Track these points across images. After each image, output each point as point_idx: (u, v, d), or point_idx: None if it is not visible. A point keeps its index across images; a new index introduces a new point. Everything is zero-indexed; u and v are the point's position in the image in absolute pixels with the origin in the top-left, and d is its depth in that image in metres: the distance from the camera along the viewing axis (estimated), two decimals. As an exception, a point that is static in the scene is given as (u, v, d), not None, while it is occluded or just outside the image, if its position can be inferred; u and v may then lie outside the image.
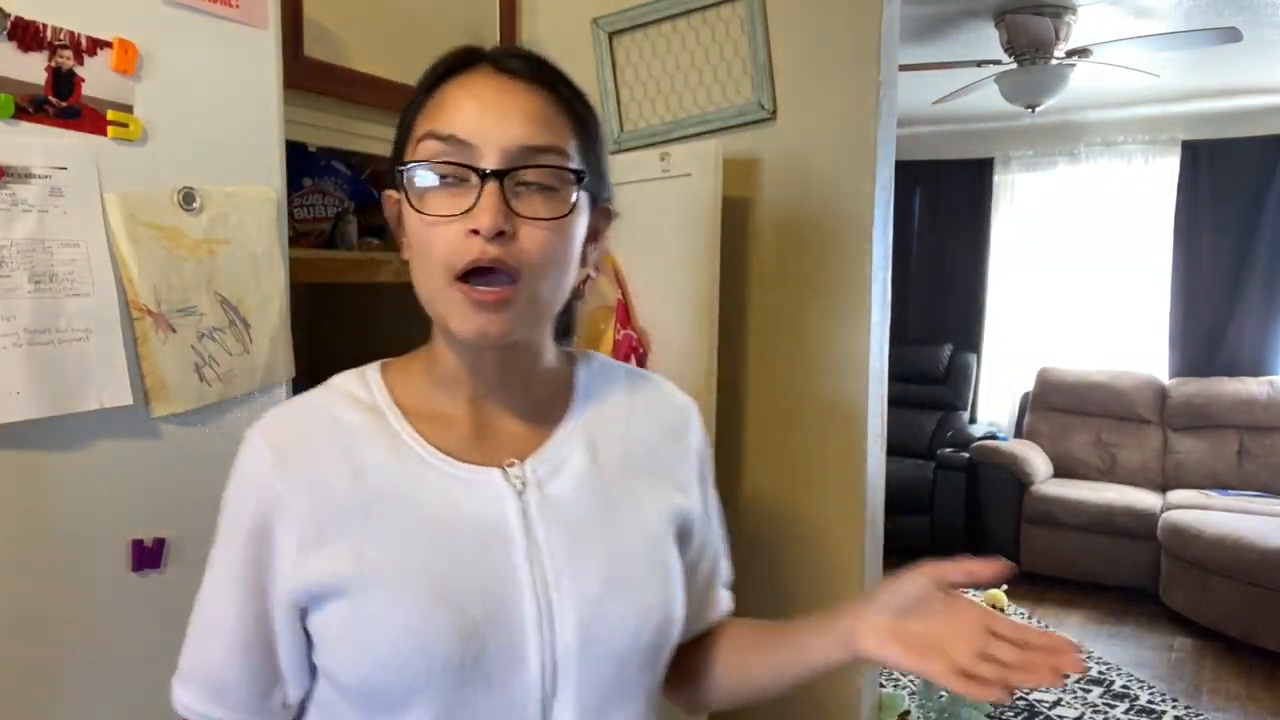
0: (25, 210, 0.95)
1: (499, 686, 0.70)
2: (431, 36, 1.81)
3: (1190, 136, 4.91)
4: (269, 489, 0.73)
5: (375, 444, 0.74)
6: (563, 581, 0.73)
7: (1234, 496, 4.37)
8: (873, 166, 1.74)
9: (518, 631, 0.70)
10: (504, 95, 0.71)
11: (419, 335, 0.82)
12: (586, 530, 0.76)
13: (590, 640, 0.72)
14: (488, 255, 0.67)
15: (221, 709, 0.76)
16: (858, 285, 1.75)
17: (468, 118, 0.70)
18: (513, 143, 0.69)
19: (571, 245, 0.73)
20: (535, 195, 0.70)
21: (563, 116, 0.73)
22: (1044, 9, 3.35)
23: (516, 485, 0.75)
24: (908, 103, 3.97)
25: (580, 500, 0.77)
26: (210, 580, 0.76)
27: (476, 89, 0.71)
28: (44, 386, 0.96)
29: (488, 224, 0.67)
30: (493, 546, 0.72)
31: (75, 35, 0.99)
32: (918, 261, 5.63)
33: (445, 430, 0.76)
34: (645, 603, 0.76)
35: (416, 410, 0.77)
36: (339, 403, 0.77)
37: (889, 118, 1.77)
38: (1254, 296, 4.79)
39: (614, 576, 0.75)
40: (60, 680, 1.02)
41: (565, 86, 0.74)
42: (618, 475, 0.80)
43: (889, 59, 1.75)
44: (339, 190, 1.76)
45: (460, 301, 0.69)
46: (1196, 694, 3.41)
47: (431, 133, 0.70)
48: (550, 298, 0.73)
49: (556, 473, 0.77)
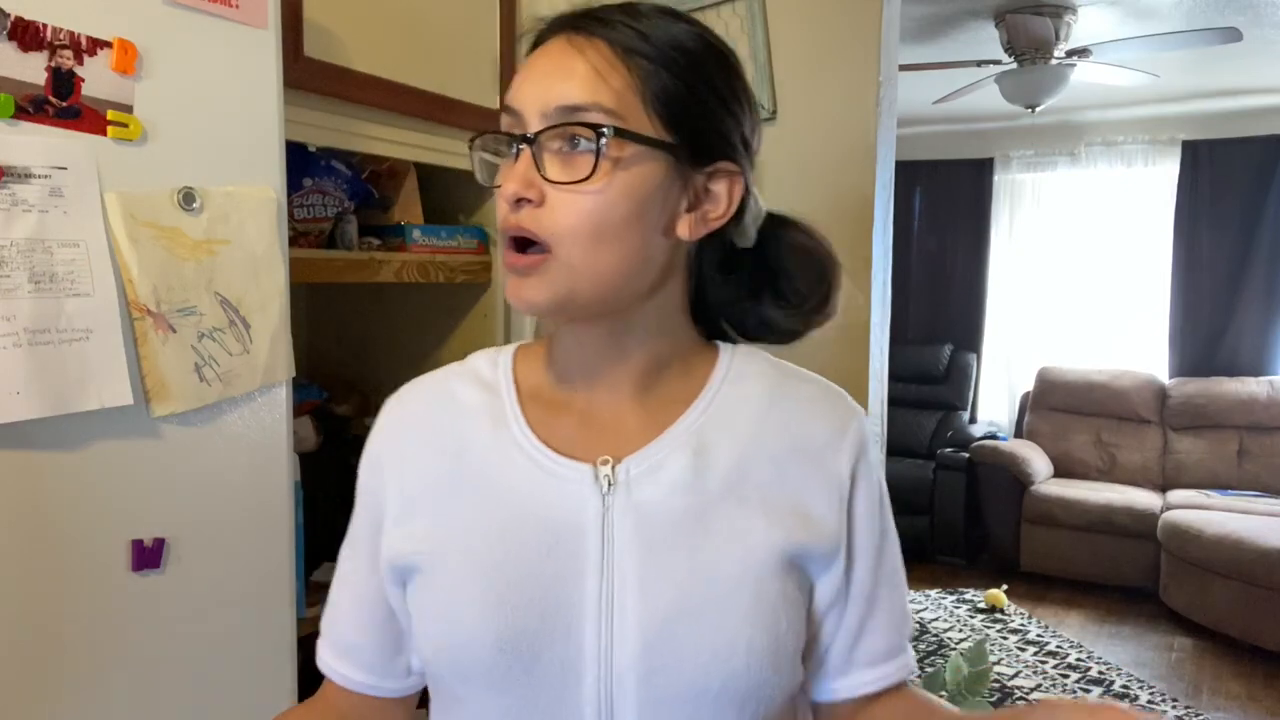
0: (25, 210, 0.95)
1: (553, 700, 0.66)
2: (431, 36, 1.81)
3: (1190, 136, 4.91)
4: (378, 458, 0.76)
5: (481, 425, 0.73)
6: (629, 596, 0.66)
7: (1234, 496, 4.37)
8: (873, 166, 1.74)
9: (576, 641, 0.65)
10: (560, 56, 0.66)
11: (419, 335, 0.82)
12: (670, 543, 0.67)
13: (653, 669, 0.65)
14: (509, 223, 0.66)
15: (351, 667, 0.77)
16: (858, 285, 1.75)
17: (521, 81, 0.68)
18: (548, 104, 0.65)
19: (619, 214, 0.65)
20: (567, 158, 0.65)
21: (627, 73, 0.65)
22: (1044, 9, 3.35)
23: (603, 485, 0.69)
24: (908, 103, 3.97)
25: (670, 510, 0.68)
26: (345, 541, 0.79)
27: (541, 55, 0.68)
28: (44, 386, 0.96)
29: (508, 191, 0.65)
30: (565, 548, 0.67)
31: (75, 35, 0.99)
32: (918, 261, 5.63)
33: (553, 417, 0.73)
34: (723, 638, 0.65)
35: (533, 394, 0.75)
36: (463, 379, 0.77)
37: (889, 118, 1.77)
38: (1254, 296, 4.79)
39: (690, 600, 0.66)
40: (60, 680, 1.02)
41: (636, 35, 0.66)
42: (723, 488, 0.69)
43: (889, 59, 1.75)
44: (339, 190, 1.76)
45: (508, 270, 0.68)
46: (1196, 694, 3.41)
47: (503, 106, 0.69)
48: (595, 271, 0.66)
49: (652, 476, 0.69)
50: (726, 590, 0.66)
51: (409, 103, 1.73)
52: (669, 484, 0.69)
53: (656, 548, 0.67)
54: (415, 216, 1.94)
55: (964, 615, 4.13)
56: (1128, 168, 5.14)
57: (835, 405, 0.77)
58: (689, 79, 0.67)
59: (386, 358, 2.12)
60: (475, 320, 2.01)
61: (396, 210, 1.95)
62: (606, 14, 0.68)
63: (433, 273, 1.84)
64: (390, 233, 1.85)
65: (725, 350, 0.78)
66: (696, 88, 0.67)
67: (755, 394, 0.74)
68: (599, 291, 0.67)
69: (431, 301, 2.04)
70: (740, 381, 0.75)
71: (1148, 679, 3.51)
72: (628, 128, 0.64)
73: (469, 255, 1.93)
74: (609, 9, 0.69)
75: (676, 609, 0.66)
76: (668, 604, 0.66)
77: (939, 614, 4.12)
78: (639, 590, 0.66)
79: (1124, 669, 3.59)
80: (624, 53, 0.66)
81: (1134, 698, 3.35)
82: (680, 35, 0.68)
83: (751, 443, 0.72)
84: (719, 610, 0.66)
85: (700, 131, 0.68)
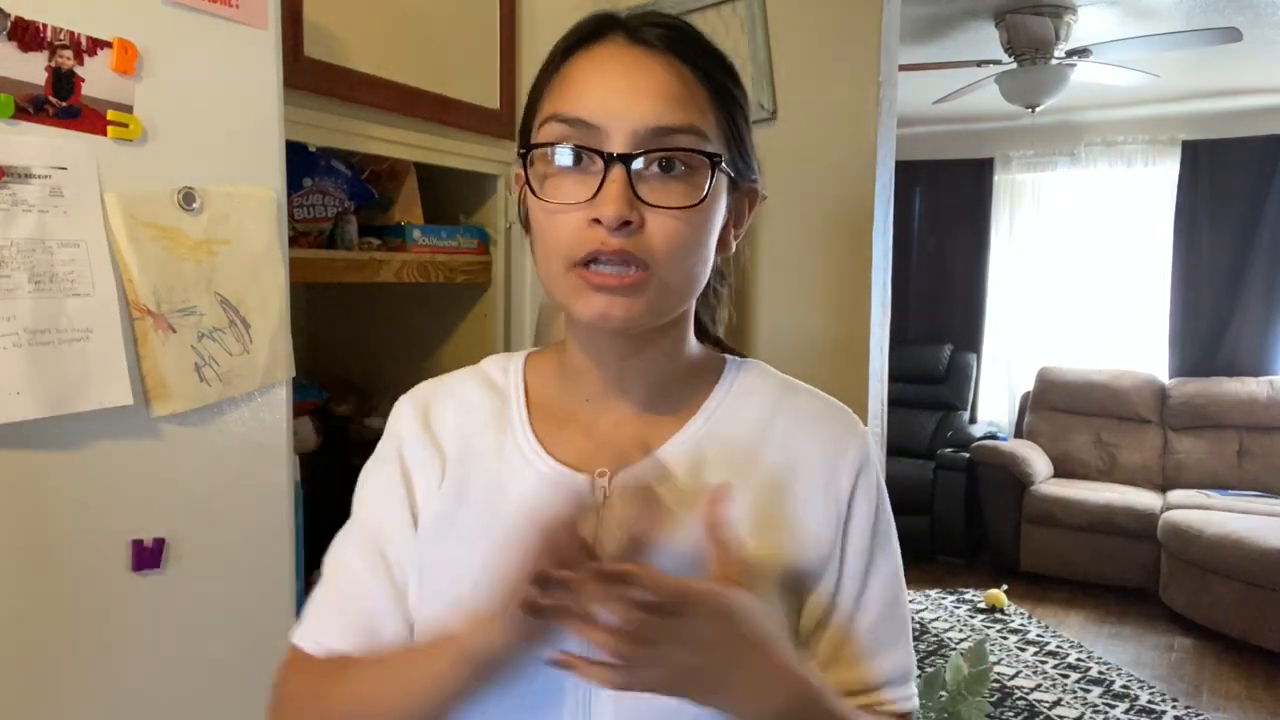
0: (25, 210, 0.95)
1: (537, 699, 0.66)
2: (431, 36, 1.81)
3: (1190, 136, 4.91)
4: (410, 435, 0.75)
5: (487, 430, 0.73)
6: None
7: (1234, 496, 4.37)
8: (873, 166, 1.74)
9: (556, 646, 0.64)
10: (635, 70, 0.64)
11: (419, 335, 0.82)
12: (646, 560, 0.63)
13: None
14: (610, 247, 0.62)
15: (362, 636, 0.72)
16: (858, 285, 1.75)
17: (594, 97, 0.64)
18: (642, 124, 0.63)
19: (708, 234, 0.67)
20: (666, 181, 0.64)
21: (701, 91, 0.66)
22: (1044, 9, 3.35)
23: (599, 497, 0.68)
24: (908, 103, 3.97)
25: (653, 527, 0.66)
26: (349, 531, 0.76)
27: (605, 64, 0.65)
28: (44, 386, 0.96)
29: (611, 215, 0.61)
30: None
31: (75, 35, 0.99)
32: (918, 261, 5.63)
33: (558, 427, 0.73)
34: None
35: (542, 403, 0.75)
36: (473, 381, 0.77)
37: (889, 118, 1.77)
38: (1254, 296, 4.79)
39: None
40: (60, 680, 1.02)
41: (706, 56, 0.68)
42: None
43: (889, 59, 1.75)
44: (339, 190, 1.76)
45: (580, 286, 0.64)
46: (1196, 694, 3.41)
47: (556, 115, 0.65)
48: (682, 289, 0.67)
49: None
50: None
51: (409, 103, 1.73)
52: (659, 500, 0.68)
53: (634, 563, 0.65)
54: (415, 216, 1.94)
55: (964, 615, 4.13)
56: (1128, 168, 5.14)
57: (836, 423, 0.75)
58: (741, 100, 0.70)
59: (386, 358, 2.12)
60: (475, 320, 2.01)
61: (396, 210, 1.95)
62: (666, 23, 0.68)
63: (433, 273, 1.84)
64: (390, 233, 1.85)
65: (731, 364, 0.78)
66: (745, 109, 0.71)
67: (756, 409, 0.74)
68: (679, 307, 0.70)
69: (431, 301, 2.04)
70: (743, 397, 0.75)
71: (1148, 679, 3.51)
72: (719, 151, 0.66)
73: (469, 255, 1.93)
74: (664, 18, 0.69)
75: None
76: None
77: (939, 614, 4.12)
78: None
79: (1124, 669, 3.59)
80: (701, 73, 0.67)
81: (1134, 698, 3.35)
82: (723, 56, 0.70)
83: (746, 461, 0.71)
84: None
85: (745, 153, 0.71)
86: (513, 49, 1.97)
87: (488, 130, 1.92)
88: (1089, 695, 3.37)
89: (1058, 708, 3.28)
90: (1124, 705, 3.30)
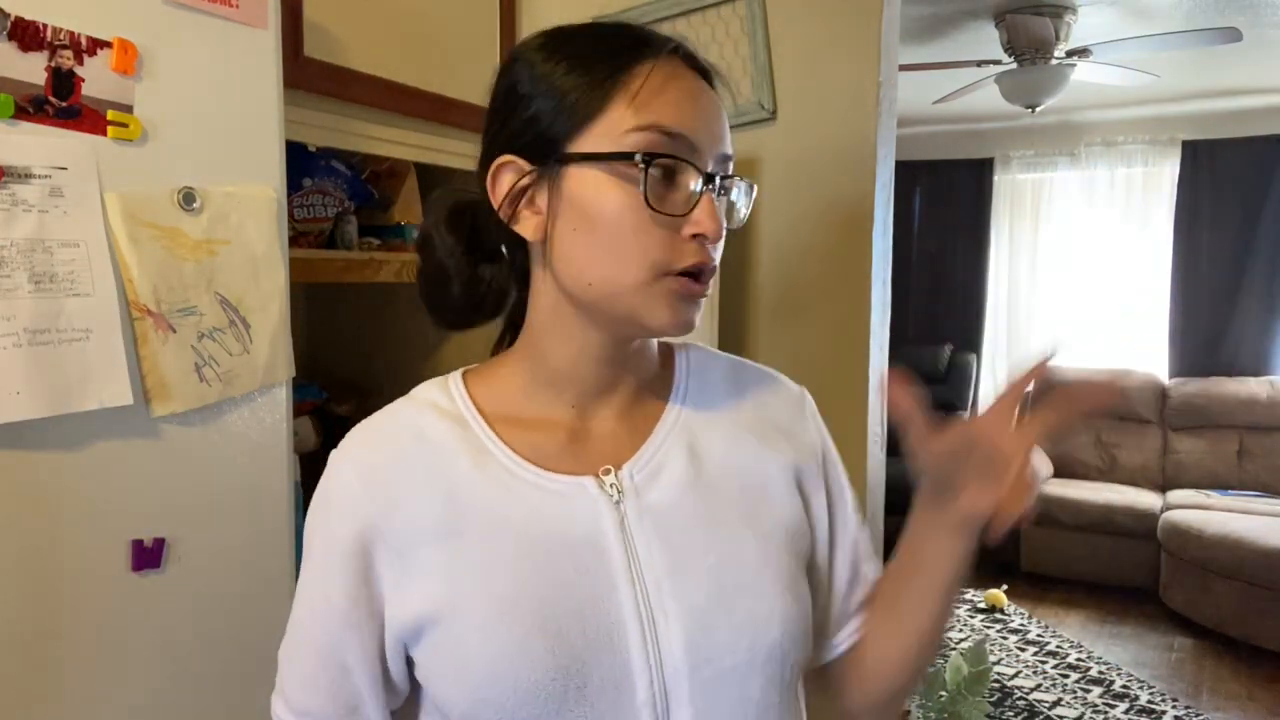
0: (25, 210, 0.95)
1: (607, 714, 0.65)
2: (431, 36, 1.81)
3: (1190, 136, 4.91)
4: (361, 513, 0.68)
5: (461, 457, 0.70)
6: (666, 597, 0.67)
7: (1234, 496, 4.37)
8: (873, 166, 1.74)
9: (622, 655, 0.65)
10: (712, 98, 0.70)
11: (419, 335, 0.81)
12: (690, 539, 0.69)
13: (700, 659, 0.66)
14: (714, 261, 0.68)
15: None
16: (858, 285, 1.75)
17: (690, 115, 0.67)
18: (722, 149, 0.69)
19: None
20: (725, 202, 0.70)
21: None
22: (1044, 9, 3.35)
23: (612, 495, 0.70)
24: (908, 103, 3.97)
25: (682, 507, 0.71)
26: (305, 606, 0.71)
27: (687, 84, 0.68)
28: (44, 386, 0.96)
29: (717, 230, 0.66)
30: (590, 564, 0.67)
31: (75, 35, 0.99)
32: (918, 261, 5.63)
33: (536, 437, 0.72)
34: (759, 614, 0.69)
35: (503, 417, 0.72)
36: (422, 414, 0.72)
37: (889, 118, 1.77)
38: (1254, 296, 4.79)
39: (722, 587, 0.68)
40: (60, 680, 1.02)
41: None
42: (722, 476, 0.73)
43: (889, 59, 1.74)
44: (339, 190, 1.76)
45: (670, 294, 0.66)
46: (1196, 694, 3.41)
47: (657, 125, 0.65)
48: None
49: (655, 478, 0.71)
50: (752, 570, 0.70)
51: (409, 103, 1.73)
52: (674, 483, 0.71)
53: (679, 545, 0.69)
54: (415, 216, 1.94)
55: (964, 615, 4.13)
56: (1128, 168, 5.14)
57: (784, 385, 0.83)
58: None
59: (386, 358, 2.12)
60: (475, 320, 2.00)
61: (396, 210, 1.95)
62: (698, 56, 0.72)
63: (433, 273, 1.83)
64: (390, 233, 1.85)
65: (676, 348, 0.82)
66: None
67: (719, 383, 0.80)
68: None
69: (431, 301, 2.04)
70: (702, 374, 0.80)
71: (1148, 679, 3.51)
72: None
73: (469, 255, 1.92)
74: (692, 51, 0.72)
75: (711, 598, 0.68)
76: (703, 597, 0.68)
77: (939, 614, 4.12)
78: (673, 589, 0.67)
79: (1124, 669, 3.59)
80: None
81: (1134, 698, 3.35)
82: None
83: (733, 428, 0.76)
84: (750, 591, 0.69)
85: None
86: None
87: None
88: (1089, 695, 3.37)
89: (1058, 708, 3.28)
90: (1124, 705, 3.30)
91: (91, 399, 1.00)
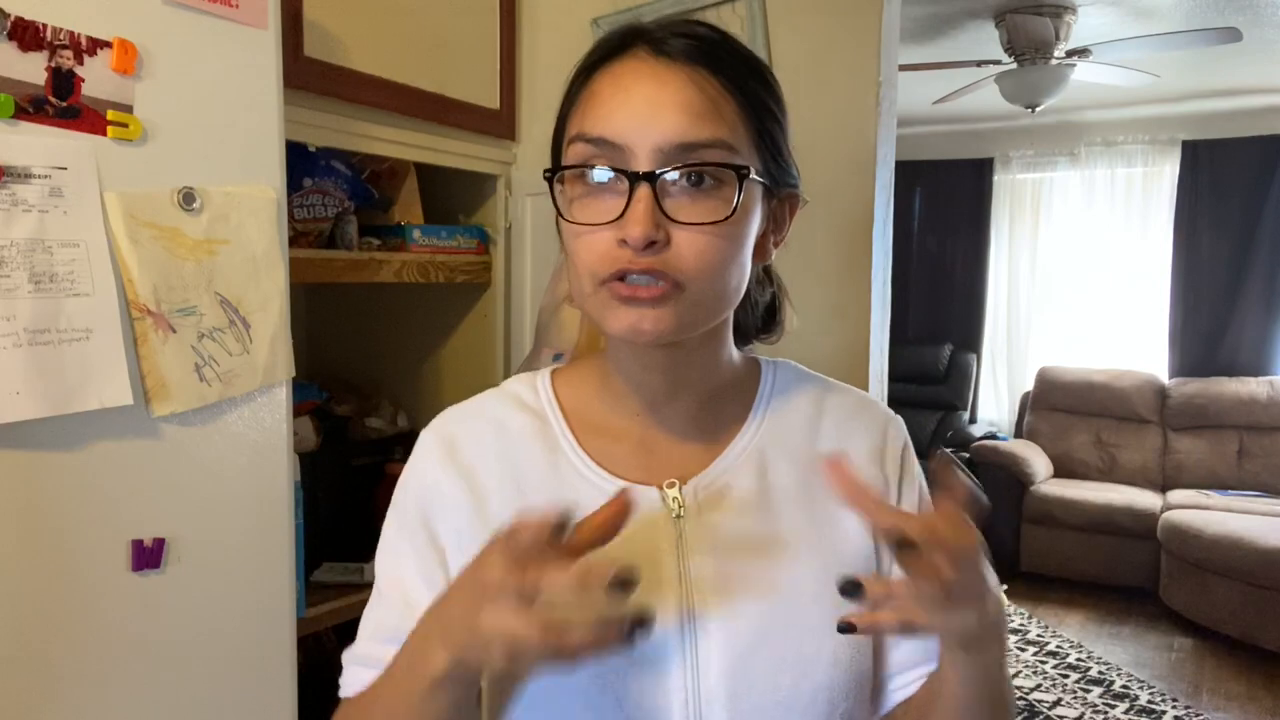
0: (25, 210, 0.95)
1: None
2: (431, 36, 1.81)
3: (1190, 136, 4.91)
4: (430, 479, 0.71)
5: (534, 451, 0.70)
6: (711, 621, 0.65)
7: (1234, 496, 4.37)
8: (873, 166, 1.74)
9: (661, 673, 0.65)
10: (658, 85, 0.63)
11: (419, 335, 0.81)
12: (746, 564, 0.68)
13: (740, 689, 0.65)
14: (637, 265, 0.61)
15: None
16: (858, 285, 1.75)
17: (616, 116, 0.63)
18: (666, 140, 0.61)
19: (741, 246, 0.65)
20: (695, 196, 0.62)
21: (729, 102, 0.64)
22: (1044, 9, 3.35)
23: (674, 509, 0.68)
24: (908, 103, 3.97)
25: (741, 529, 0.69)
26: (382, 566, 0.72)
27: (627, 80, 0.63)
28: (44, 386, 0.96)
29: (636, 235, 0.60)
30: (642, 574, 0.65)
31: (75, 35, 0.99)
32: (918, 261, 5.63)
33: (610, 443, 0.71)
34: (806, 652, 0.66)
35: (583, 420, 0.72)
36: (505, 405, 0.74)
37: (889, 118, 1.77)
38: (1254, 296, 4.79)
39: (771, 619, 0.66)
40: (60, 680, 1.02)
41: (735, 63, 0.65)
42: (790, 504, 0.70)
43: (889, 59, 1.74)
44: (339, 190, 1.76)
45: (609, 301, 0.63)
46: (1196, 694, 3.41)
47: (580, 135, 0.64)
48: (716, 302, 0.66)
49: (720, 497, 0.69)
50: (806, 606, 0.67)
51: (409, 103, 1.73)
52: (738, 504, 0.69)
53: (733, 569, 0.67)
54: (415, 216, 1.94)
55: (964, 615, 4.12)
56: (1128, 168, 5.14)
57: (874, 413, 0.78)
58: (774, 106, 0.68)
59: (386, 358, 2.12)
60: (475, 320, 2.01)
61: (396, 210, 1.95)
62: (693, 33, 0.65)
63: (433, 273, 1.84)
64: (390, 233, 1.85)
65: (765, 364, 0.78)
66: (778, 115, 0.69)
67: (803, 406, 0.76)
68: (714, 319, 0.68)
69: (431, 301, 2.04)
70: (786, 394, 0.76)
71: (1148, 679, 3.51)
72: (748, 163, 0.64)
73: (469, 255, 1.93)
74: (692, 27, 0.66)
75: (758, 629, 0.66)
76: (749, 625, 0.66)
77: (939, 614, 4.12)
78: (720, 613, 0.66)
79: (1124, 669, 3.59)
80: (729, 82, 0.64)
81: (1134, 698, 3.35)
82: (755, 60, 0.68)
83: (807, 455, 0.73)
84: (800, 627, 0.66)
85: (781, 159, 0.69)
86: (512, 49, 1.97)
87: (487, 130, 1.92)
88: (1089, 695, 3.37)
89: (1058, 708, 3.28)
90: (1124, 705, 3.30)
91: (91, 399, 1.00)
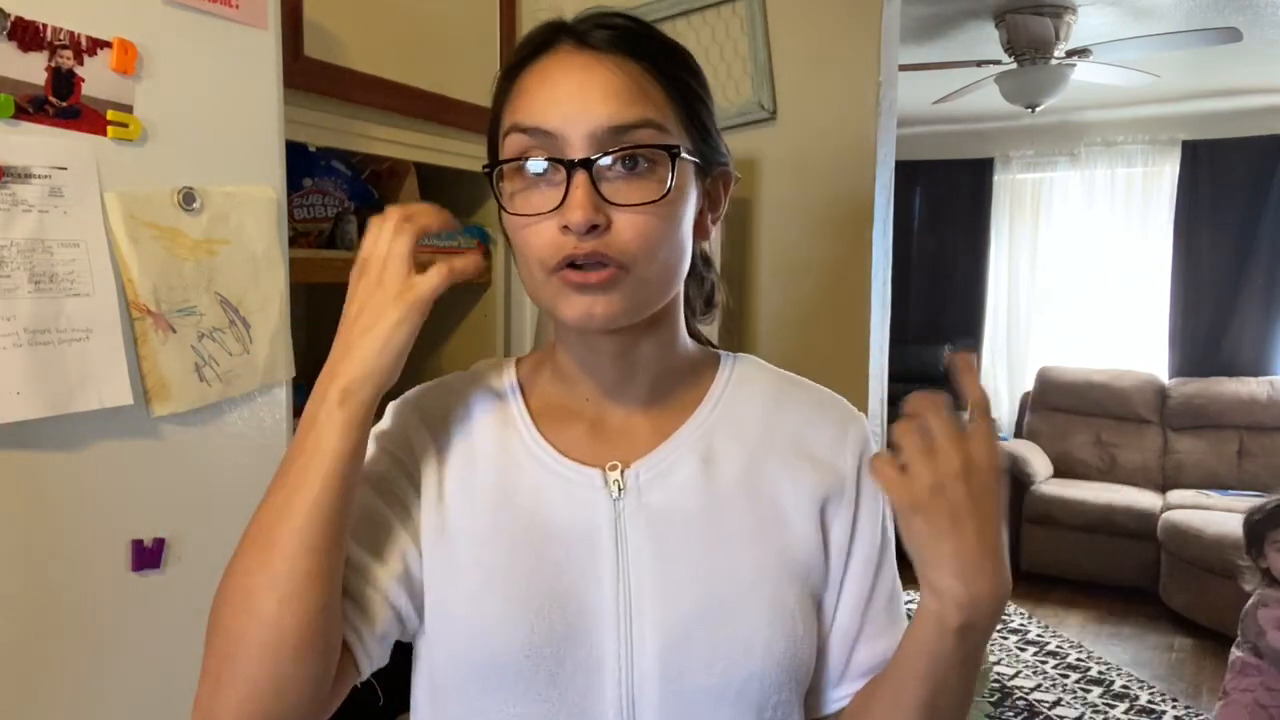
0: (25, 210, 0.95)
1: (575, 706, 0.65)
2: (431, 36, 1.81)
3: (1190, 136, 4.91)
4: (414, 432, 0.73)
5: (489, 429, 0.73)
6: (646, 600, 0.66)
7: (1234, 496, 4.37)
8: (873, 166, 1.74)
9: (596, 649, 0.66)
10: (585, 73, 0.65)
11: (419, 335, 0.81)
12: (684, 547, 0.68)
13: (672, 671, 0.65)
14: (582, 251, 0.63)
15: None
16: (858, 285, 1.75)
17: (547, 105, 0.64)
18: (597, 125, 0.63)
19: (679, 224, 0.67)
20: (630, 179, 0.64)
21: (655, 86, 0.66)
22: (1044, 9, 3.35)
23: (614, 490, 0.70)
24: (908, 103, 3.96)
25: (682, 513, 0.69)
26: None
27: (555, 73, 0.66)
28: (44, 386, 0.96)
29: (578, 220, 0.62)
30: (580, 554, 0.68)
31: (75, 35, 0.99)
32: (917, 261, 5.63)
33: (564, 427, 0.73)
34: (740, 638, 0.66)
35: (542, 403, 0.75)
36: (472, 385, 0.76)
37: (889, 118, 1.77)
38: (1254, 296, 4.79)
39: (707, 603, 0.67)
40: (60, 680, 1.02)
41: (657, 50, 0.68)
42: (734, 491, 0.71)
43: (889, 59, 1.75)
44: (339, 190, 1.76)
45: (560, 289, 0.65)
46: (1196, 694, 3.41)
47: (515, 126, 0.66)
48: (662, 281, 0.68)
49: (662, 480, 0.70)
50: (742, 592, 0.67)
51: (409, 103, 1.73)
52: (679, 488, 0.70)
53: (671, 551, 0.68)
54: (415, 216, 1.93)
55: (964, 615, 4.12)
56: (1128, 168, 5.14)
57: (836, 410, 0.77)
58: (698, 88, 0.70)
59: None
60: (475, 320, 2.01)
61: (396, 210, 1.95)
62: (613, 24, 0.67)
63: (433, 273, 1.83)
64: (390, 233, 1.85)
65: (726, 356, 0.80)
66: (703, 96, 0.71)
67: (759, 398, 0.76)
68: (662, 299, 0.69)
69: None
70: (743, 386, 0.77)
71: (1148, 679, 3.51)
72: (679, 143, 0.66)
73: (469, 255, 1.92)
74: (611, 18, 0.68)
75: (694, 612, 0.66)
76: (685, 607, 0.67)
77: (939, 614, 4.12)
78: (655, 594, 0.67)
79: (1124, 669, 3.59)
80: (653, 66, 0.67)
81: (1134, 698, 3.35)
82: (676, 46, 0.70)
83: (759, 446, 0.73)
84: (736, 613, 0.67)
85: (709, 139, 0.71)
86: (513, 49, 1.97)
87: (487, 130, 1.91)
88: (1089, 695, 3.37)
89: (1058, 708, 3.28)
90: (1124, 705, 3.30)
91: (91, 399, 1.00)
